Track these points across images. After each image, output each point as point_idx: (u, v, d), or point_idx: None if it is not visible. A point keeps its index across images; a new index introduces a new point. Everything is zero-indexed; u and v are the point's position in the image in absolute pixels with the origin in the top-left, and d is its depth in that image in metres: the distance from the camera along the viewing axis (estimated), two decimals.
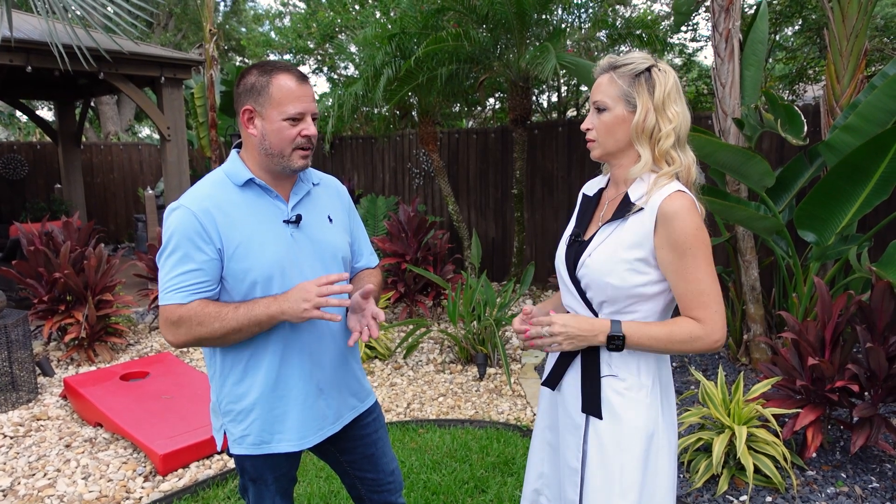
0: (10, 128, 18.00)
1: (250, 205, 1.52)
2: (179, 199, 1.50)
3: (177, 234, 1.46)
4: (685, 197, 1.36)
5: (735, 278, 4.19)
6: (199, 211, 1.46)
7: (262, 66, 1.51)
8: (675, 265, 1.36)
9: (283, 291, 1.50)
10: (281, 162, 1.51)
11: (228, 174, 1.55)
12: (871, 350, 2.67)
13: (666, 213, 1.35)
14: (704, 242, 1.36)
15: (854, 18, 3.69)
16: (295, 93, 1.48)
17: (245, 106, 1.51)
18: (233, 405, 1.57)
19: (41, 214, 8.83)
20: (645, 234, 1.38)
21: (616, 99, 1.41)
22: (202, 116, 8.51)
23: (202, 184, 1.54)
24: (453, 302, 4.48)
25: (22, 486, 2.92)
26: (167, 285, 1.47)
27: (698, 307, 1.37)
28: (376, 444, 1.78)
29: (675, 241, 1.35)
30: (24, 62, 5.40)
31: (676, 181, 1.41)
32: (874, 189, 3.14)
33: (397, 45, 5.76)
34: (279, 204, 1.56)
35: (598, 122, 1.44)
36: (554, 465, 1.63)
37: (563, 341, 1.41)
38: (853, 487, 2.71)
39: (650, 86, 1.40)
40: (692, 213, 1.35)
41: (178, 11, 15.95)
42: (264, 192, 1.55)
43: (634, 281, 1.39)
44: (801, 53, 7.97)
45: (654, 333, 1.39)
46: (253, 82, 1.49)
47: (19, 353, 3.88)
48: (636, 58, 1.42)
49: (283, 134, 1.48)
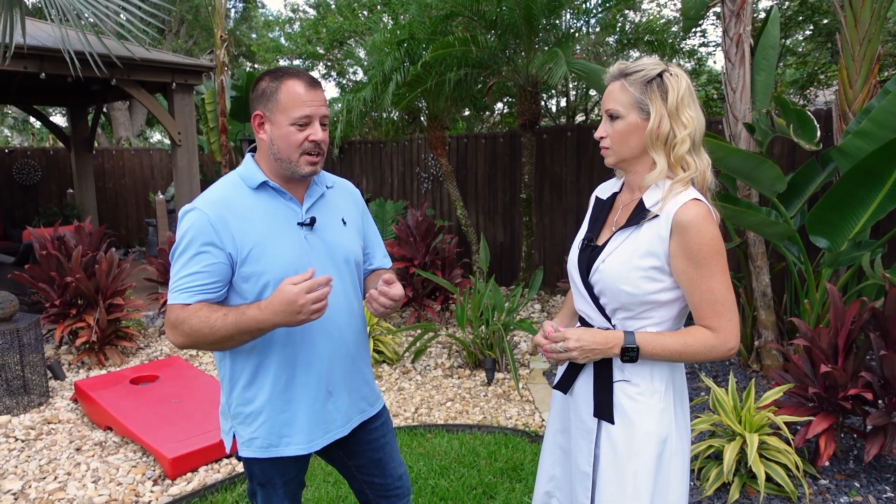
0: (23, 133, 18.20)
1: (264, 207, 1.53)
2: (194, 201, 1.51)
3: (188, 235, 1.47)
4: (701, 206, 1.35)
5: (746, 284, 4.15)
6: (211, 213, 1.47)
7: (274, 72, 1.52)
8: (690, 274, 1.35)
9: None
10: (289, 167, 1.52)
11: (243, 177, 1.56)
12: (885, 357, 2.64)
13: (681, 223, 1.34)
14: (720, 252, 1.35)
15: (867, 23, 3.66)
16: (302, 97, 1.47)
17: (256, 111, 1.52)
18: (242, 408, 1.58)
19: (54, 219, 8.91)
20: (660, 241, 1.37)
21: (629, 107, 1.40)
22: (213, 122, 8.58)
23: (216, 186, 1.55)
24: (461, 306, 4.47)
25: (33, 490, 2.94)
26: (174, 285, 1.48)
27: (713, 316, 1.36)
28: (384, 449, 1.77)
29: (691, 251, 1.34)
30: (37, 69, 5.46)
31: (692, 188, 1.39)
32: (888, 195, 3.11)
33: (406, 50, 5.78)
34: (293, 206, 1.57)
35: (612, 130, 1.43)
36: (565, 469, 1.62)
37: (579, 356, 1.41)
38: (867, 497, 2.67)
39: (663, 91, 1.38)
40: (708, 222, 1.34)
41: (189, 18, 16.09)
42: (278, 194, 1.56)
43: (649, 288, 1.38)
44: (812, 58, 7.93)
45: (668, 344, 1.38)
46: (264, 88, 1.50)
47: (31, 357, 3.91)
48: (647, 64, 1.41)
49: (290, 139, 1.49)
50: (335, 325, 1.59)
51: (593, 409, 1.48)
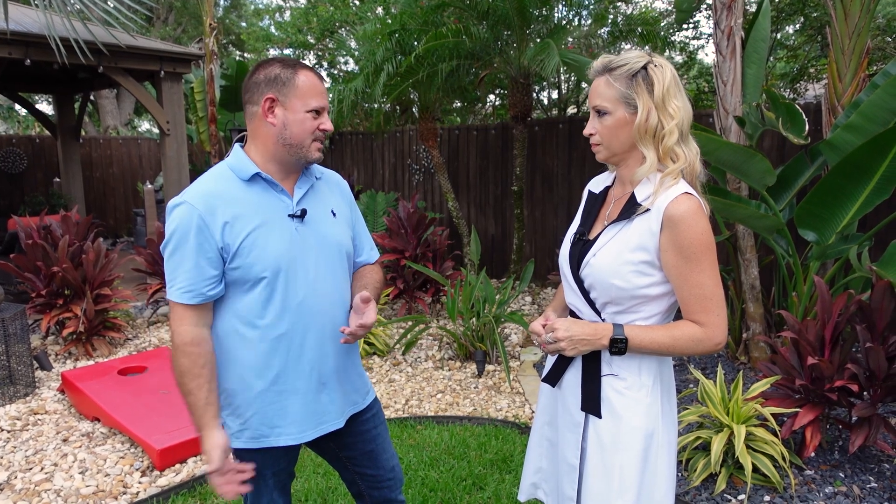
0: (8, 121, 17.95)
1: (255, 199, 1.53)
2: (182, 193, 1.50)
3: (179, 230, 1.46)
4: (692, 199, 1.34)
5: (735, 277, 4.18)
6: (201, 207, 1.46)
7: (284, 61, 1.54)
8: (680, 269, 1.35)
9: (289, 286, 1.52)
10: (299, 153, 1.54)
11: (233, 168, 1.54)
12: (870, 350, 2.67)
13: (672, 217, 1.33)
14: (710, 247, 1.34)
15: (856, 17, 3.67)
16: (318, 88, 1.53)
17: (267, 95, 1.51)
18: (232, 398, 1.58)
19: (40, 208, 8.81)
20: (650, 236, 1.36)
21: (615, 102, 1.39)
22: (202, 111, 8.49)
23: (205, 178, 1.54)
24: (452, 298, 4.47)
25: (19, 481, 2.91)
26: (174, 283, 1.49)
27: (701, 311, 1.36)
28: (376, 441, 1.77)
29: (681, 246, 1.33)
30: (23, 55, 5.37)
31: (682, 181, 1.39)
32: (875, 188, 3.13)
33: (397, 40, 5.73)
34: (284, 198, 1.56)
35: (600, 126, 1.42)
36: (552, 461, 1.63)
37: (567, 346, 1.41)
38: (851, 487, 2.71)
39: (648, 84, 1.37)
40: (699, 216, 1.33)
41: (178, 5, 15.90)
42: (269, 186, 1.56)
43: (639, 282, 1.38)
44: (802, 52, 7.96)
45: (656, 337, 1.37)
46: (277, 73, 1.51)
47: (17, 347, 3.88)
48: (631, 57, 1.39)
49: (306, 125, 1.51)
50: (327, 316, 1.59)
51: (581, 402, 1.48)
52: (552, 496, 1.64)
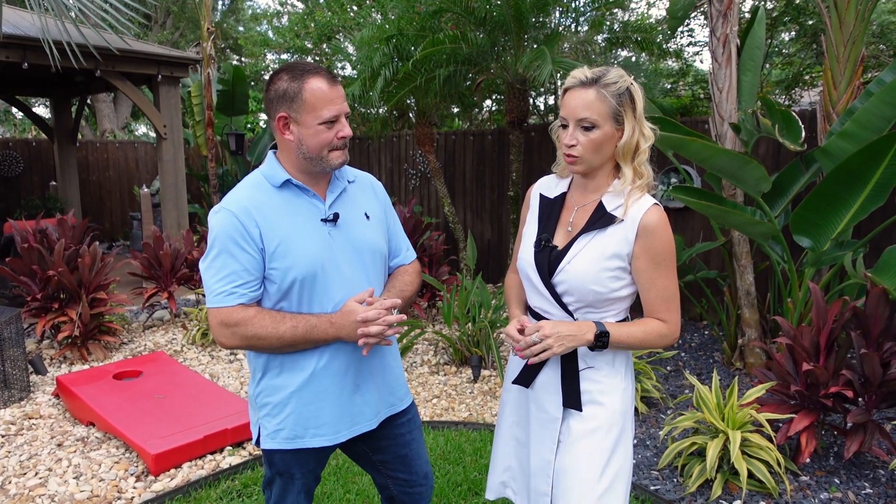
0: (5, 124, 17.92)
1: (288, 205, 1.55)
2: (220, 202, 1.55)
3: (221, 235, 1.49)
4: (661, 210, 1.47)
5: (730, 283, 4.19)
6: (239, 212, 1.50)
7: (292, 70, 1.51)
8: (650, 274, 1.47)
9: (323, 290, 1.53)
10: (320, 163, 1.55)
11: (266, 176, 1.58)
12: (865, 356, 2.68)
13: (647, 227, 1.44)
14: (674, 253, 1.49)
15: (851, 24, 3.70)
16: (329, 95, 1.49)
17: (279, 113, 1.51)
18: (269, 398, 1.59)
19: (36, 212, 8.78)
20: (626, 244, 1.46)
21: (605, 117, 1.43)
22: (199, 115, 8.48)
23: (241, 186, 1.58)
24: (448, 303, 4.47)
25: (13, 486, 2.90)
26: (217, 288, 1.50)
27: (665, 311, 1.49)
28: (410, 446, 1.77)
29: (654, 253, 1.46)
30: (20, 59, 5.37)
31: (647, 194, 1.50)
32: (870, 195, 3.15)
33: (395, 46, 5.75)
34: (316, 203, 1.58)
35: (586, 139, 1.44)
36: (521, 460, 1.68)
37: (555, 344, 1.44)
38: (846, 493, 2.71)
39: (632, 103, 1.44)
40: (668, 226, 1.47)
41: (175, 10, 15.91)
42: (301, 191, 1.58)
43: (614, 286, 1.49)
44: (797, 59, 8.01)
45: (633, 332, 1.48)
46: (285, 88, 1.49)
47: (12, 351, 3.86)
48: (618, 76, 1.44)
49: (321, 137, 1.51)
50: None
51: (562, 399, 1.54)
52: (521, 495, 1.69)
